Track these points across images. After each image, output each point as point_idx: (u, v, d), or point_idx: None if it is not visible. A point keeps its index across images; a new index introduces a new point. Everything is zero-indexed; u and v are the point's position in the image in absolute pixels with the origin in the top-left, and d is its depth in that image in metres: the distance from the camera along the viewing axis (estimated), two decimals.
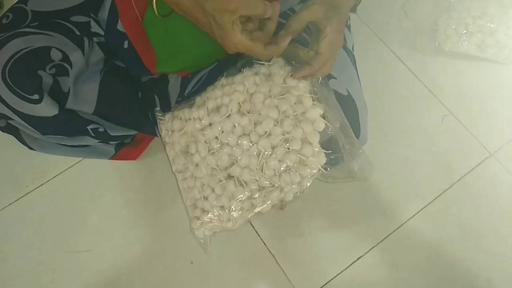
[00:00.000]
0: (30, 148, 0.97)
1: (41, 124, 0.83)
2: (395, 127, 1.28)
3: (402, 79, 1.36)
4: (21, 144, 0.96)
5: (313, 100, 0.73)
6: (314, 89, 0.74)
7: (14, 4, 0.85)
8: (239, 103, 0.73)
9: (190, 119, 0.77)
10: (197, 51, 0.76)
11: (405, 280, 1.10)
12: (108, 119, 0.92)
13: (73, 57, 0.84)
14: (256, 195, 0.72)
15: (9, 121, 0.87)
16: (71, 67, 0.84)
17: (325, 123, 0.71)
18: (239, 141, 0.72)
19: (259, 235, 1.13)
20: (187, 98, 0.87)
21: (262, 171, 0.71)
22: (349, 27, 1.02)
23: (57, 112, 0.82)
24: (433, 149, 1.25)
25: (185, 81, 0.93)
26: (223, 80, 0.77)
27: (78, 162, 1.21)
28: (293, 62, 0.75)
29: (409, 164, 1.23)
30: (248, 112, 0.72)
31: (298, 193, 0.74)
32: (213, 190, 0.74)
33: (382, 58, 1.39)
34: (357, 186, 1.19)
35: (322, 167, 0.72)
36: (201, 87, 0.78)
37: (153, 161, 1.20)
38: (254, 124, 0.71)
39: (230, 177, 0.74)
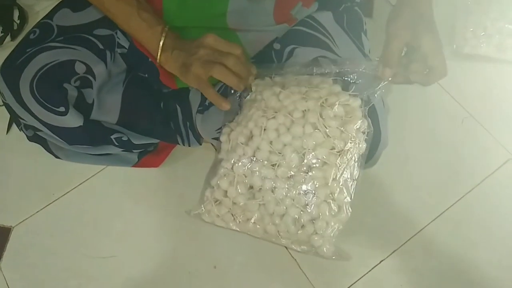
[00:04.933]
0: (56, 157, 1.00)
1: (68, 135, 0.86)
2: (413, 130, 1.27)
3: None
4: (47, 153, 1.00)
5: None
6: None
7: (41, 19, 0.88)
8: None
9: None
10: None
11: (427, 285, 1.10)
12: (131, 129, 0.94)
13: (97, 70, 0.86)
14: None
15: (37, 132, 0.90)
16: (95, 79, 0.86)
17: None
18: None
19: None
20: (207, 107, 0.89)
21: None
22: (365, 32, 1.03)
23: (82, 123, 0.84)
24: (453, 152, 1.24)
25: None
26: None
27: (101, 170, 1.23)
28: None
29: (429, 167, 1.22)
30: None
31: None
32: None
33: None
34: (376, 189, 1.19)
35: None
36: (222, 95, 0.80)
37: (176, 168, 1.22)
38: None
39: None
